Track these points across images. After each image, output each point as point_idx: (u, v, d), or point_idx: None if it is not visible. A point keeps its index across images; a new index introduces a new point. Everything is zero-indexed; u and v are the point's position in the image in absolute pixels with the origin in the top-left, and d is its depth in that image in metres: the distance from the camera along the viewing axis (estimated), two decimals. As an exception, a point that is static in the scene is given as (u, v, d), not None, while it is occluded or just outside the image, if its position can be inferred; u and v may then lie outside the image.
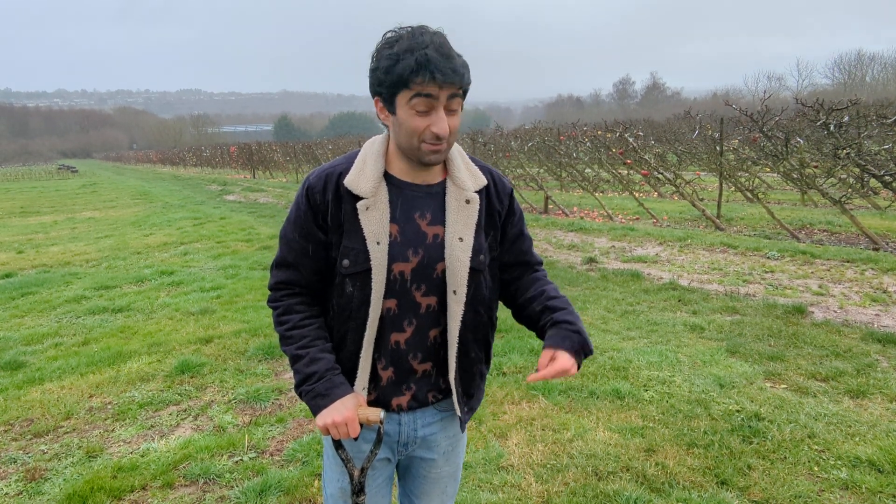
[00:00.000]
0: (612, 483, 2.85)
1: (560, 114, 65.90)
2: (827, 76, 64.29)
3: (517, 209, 1.61)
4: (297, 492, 2.88)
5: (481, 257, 1.49)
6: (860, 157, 7.71)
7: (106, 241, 11.14)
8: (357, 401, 1.45)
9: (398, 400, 1.53)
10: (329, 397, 1.43)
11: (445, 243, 1.46)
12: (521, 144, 16.26)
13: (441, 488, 1.68)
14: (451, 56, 1.32)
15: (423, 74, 1.30)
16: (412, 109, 1.34)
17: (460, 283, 1.46)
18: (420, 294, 1.47)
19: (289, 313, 1.50)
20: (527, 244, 1.64)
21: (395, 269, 1.44)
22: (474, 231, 1.48)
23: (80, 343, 5.23)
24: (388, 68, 1.32)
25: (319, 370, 1.44)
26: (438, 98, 1.33)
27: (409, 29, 1.35)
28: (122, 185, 30.40)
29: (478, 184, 1.51)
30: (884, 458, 2.93)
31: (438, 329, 1.52)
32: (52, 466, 3.23)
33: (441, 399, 1.59)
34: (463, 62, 1.36)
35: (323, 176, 1.46)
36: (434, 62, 1.30)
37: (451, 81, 1.32)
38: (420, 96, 1.32)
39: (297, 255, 1.49)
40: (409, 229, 1.45)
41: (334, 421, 1.40)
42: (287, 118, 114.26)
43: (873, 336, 4.58)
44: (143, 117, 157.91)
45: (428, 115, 1.35)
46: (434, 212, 1.47)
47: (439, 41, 1.33)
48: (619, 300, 5.91)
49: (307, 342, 1.47)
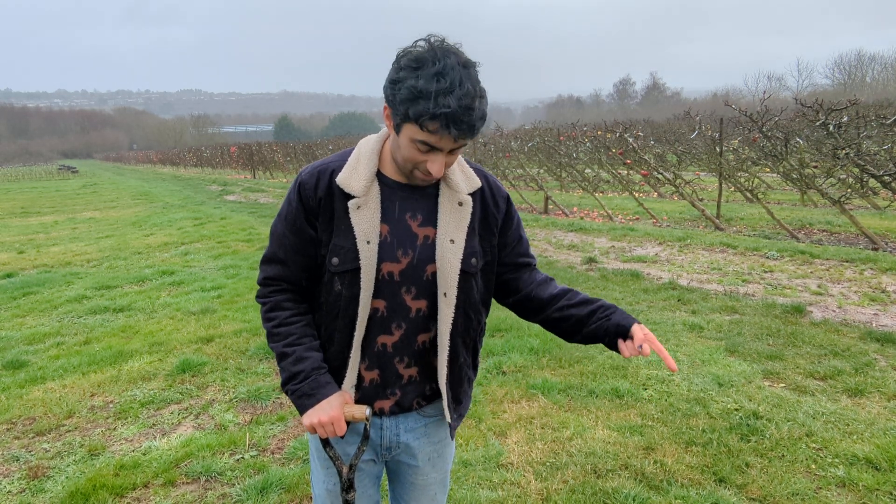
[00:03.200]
0: (610, 481, 2.87)
1: (560, 114, 65.92)
2: (827, 76, 64.36)
3: (514, 214, 1.59)
4: (298, 489, 2.90)
5: (473, 261, 1.47)
6: (859, 157, 7.73)
7: (107, 242, 11.16)
8: (343, 399, 1.44)
9: (381, 403, 1.52)
10: (315, 397, 1.42)
11: (437, 245, 1.44)
12: (521, 145, 16.27)
13: (430, 496, 1.67)
14: (471, 108, 1.25)
15: (438, 128, 1.26)
16: (414, 144, 1.32)
17: (450, 285, 1.44)
18: (410, 297, 1.46)
19: (276, 310, 1.49)
20: (524, 246, 1.63)
21: (383, 269, 1.42)
22: (466, 233, 1.46)
23: (81, 342, 5.24)
24: (405, 100, 1.26)
25: (305, 369, 1.44)
26: (444, 149, 1.32)
27: (439, 51, 1.27)
28: (122, 185, 30.42)
29: (471, 186, 1.49)
30: (881, 456, 2.95)
31: (428, 335, 1.50)
32: (54, 464, 3.25)
33: (426, 405, 1.58)
34: (482, 110, 1.28)
35: (315, 173, 1.45)
36: (454, 119, 1.24)
37: (463, 138, 1.29)
38: (425, 143, 1.30)
39: (286, 251, 1.47)
40: (400, 230, 1.44)
41: (320, 420, 1.40)
42: (287, 118, 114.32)
43: (871, 335, 4.60)
44: (144, 117, 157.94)
45: (428, 153, 1.33)
46: (426, 213, 1.46)
47: (467, 85, 1.25)
48: (619, 300, 5.93)
49: (294, 340, 1.46)
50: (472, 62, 1.29)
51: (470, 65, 1.28)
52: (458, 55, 1.28)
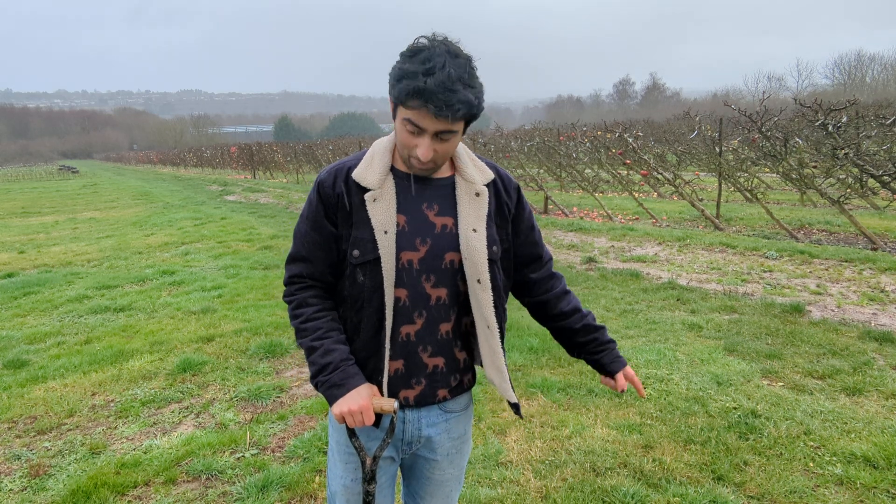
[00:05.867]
0: (609, 479, 2.88)
1: (560, 114, 65.85)
2: (827, 76, 64.19)
3: (525, 203, 1.66)
4: (299, 487, 2.91)
5: (494, 248, 1.53)
6: (859, 157, 7.74)
7: (107, 241, 11.17)
8: (371, 391, 1.49)
9: (405, 392, 1.55)
10: (344, 387, 1.47)
11: (460, 235, 1.50)
12: (521, 145, 16.29)
13: (446, 492, 1.69)
14: (452, 89, 1.31)
15: (418, 104, 1.33)
16: (404, 126, 1.39)
17: (482, 270, 1.49)
18: (430, 285, 1.50)
19: (303, 306, 1.54)
20: (537, 235, 1.70)
21: (403, 258, 1.48)
22: (486, 222, 1.52)
23: (82, 342, 5.26)
24: (394, 82, 1.36)
25: (334, 361, 1.48)
26: (426, 129, 1.36)
27: (435, 43, 1.35)
28: (122, 185, 30.44)
29: (485, 178, 1.56)
30: (878, 454, 2.96)
31: (449, 325, 1.54)
32: (55, 463, 3.26)
33: (450, 398, 1.61)
34: (465, 95, 1.33)
35: (333, 171, 1.53)
36: (432, 95, 1.30)
37: (443, 117, 1.33)
38: (409, 121, 1.37)
39: (309, 248, 1.53)
40: (417, 219, 1.49)
41: (350, 409, 1.44)
42: (287, 119, 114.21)
43: (870, 334, 4.61)
44: (144, 118, 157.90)
45: (417, 137, 1.39)
46: (441, 203, 1.51)
47: (453, 70, 1.31)
48: (619, 299, 5.94)
49: (321, 334, 1.51)
50: (464, 54, 1.36)
51: (460, 55, 1.35)
52: (449, 46, 1.35)
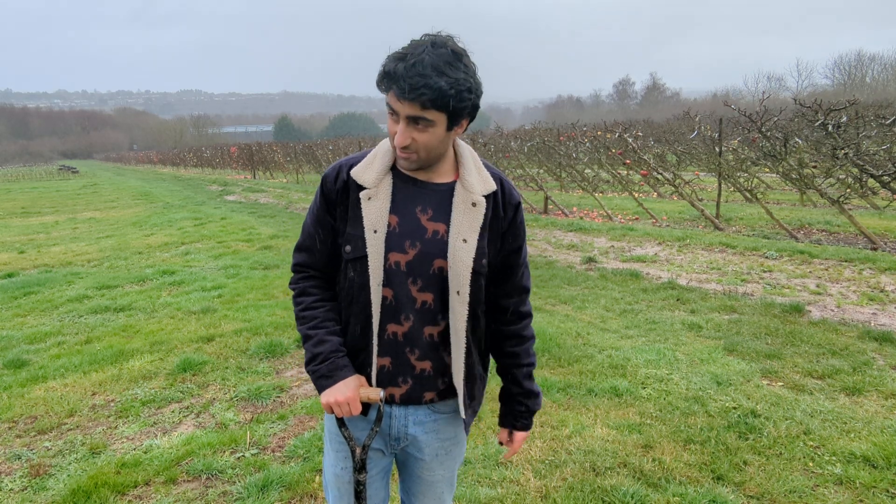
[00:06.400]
0: (609, 478, 2.88)
1: (560, 114, 65.77)
2: (827, 76, 64.19)
3: (521, 225, 1.59)
4: (299, 487, 2.91)
5: (483, 261, 1.52)
6: (858, 157, 7.74)
7: (107, 241, 11.17)
8: (358, 382, 1.53)
9: (392, 390, 1.57)
10: (332, 378, 1.51)
11: (449, 244, 1.49)
12: (520, 145, 16.29)
13: (437, 493, 1.70)
14: (421, 74, 1.29)
15: (385, 87, 1.36)
16: (388, 115, 1.42)
17: (463, 283, 1.49)
18: (416, 289, 1.51)
19: (303, 295, 1.59)
20: (521, 259, 1.62)
21: (391, 259, 1.49)
22: (478, 234, 1.50)
23: (82, 342, 5.26)
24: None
25: (325, 351, 1.52)
26: (399, 112, 1.38)
27: (427, 38, 1.37)
28: (122, 185, 30.44)
29: (486, 188, 1.52)
30: (878, 454, 2.96)
31: (436, 329, 1.54)
32: (56, 462, 3.27)
33: (438, 401, 1.61)
34: (436, 83, 1.30)
35: (336, 168, 1.56)
36: (397, 77, 1.32)
37: (407, 100, 1.33)
38: (388, 105, 1.39)
39: (312, 240, 1.59)
40: (409, 222, 1.50)
41: (337, 400, 1.48)
42: (287, 119, 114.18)
43: (870, 334, 4.61)
44: (144, 118, 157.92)
45: (396, 124, 1.41)
46: (436, 208, 1.51)
47: (428, 57, 1.31)
48: (618, 299, 5.95)
49: (317, 323, 1.55)
50: (455, 47, 1.35)
51: (445, 47, 1.34)
52: (436, 39, 1.35)
